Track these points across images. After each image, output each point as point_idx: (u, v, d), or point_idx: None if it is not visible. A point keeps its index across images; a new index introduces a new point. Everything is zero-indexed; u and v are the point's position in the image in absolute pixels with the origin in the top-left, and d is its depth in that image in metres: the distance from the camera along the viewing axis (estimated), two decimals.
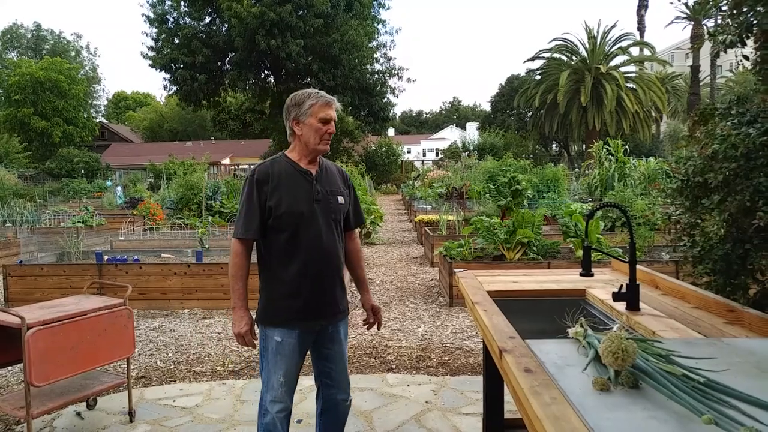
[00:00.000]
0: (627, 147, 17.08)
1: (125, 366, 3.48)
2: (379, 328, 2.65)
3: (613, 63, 31.58)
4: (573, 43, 32.45)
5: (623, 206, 2.24)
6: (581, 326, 1.69)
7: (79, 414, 3.41)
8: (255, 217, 2.25)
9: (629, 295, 2.08)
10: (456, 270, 2.94)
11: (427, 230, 9.17)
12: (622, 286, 2.10)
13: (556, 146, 42.11)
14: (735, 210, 2.42)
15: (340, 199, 2.37)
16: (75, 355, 2.96)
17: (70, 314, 2.97)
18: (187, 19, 27.73)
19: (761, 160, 2.43)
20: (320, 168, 2.36)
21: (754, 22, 2.30)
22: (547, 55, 33.11)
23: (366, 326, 2.61)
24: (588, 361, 1.45)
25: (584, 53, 31.97)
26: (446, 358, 4.37)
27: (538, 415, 1.22)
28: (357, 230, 2.58)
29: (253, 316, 2.34)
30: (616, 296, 2.09)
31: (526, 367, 1.48)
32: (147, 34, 28.05)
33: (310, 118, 2.26)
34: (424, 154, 52.02)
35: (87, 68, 51.42)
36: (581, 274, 2.22)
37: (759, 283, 2.96)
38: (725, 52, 2.70)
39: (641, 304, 2.11)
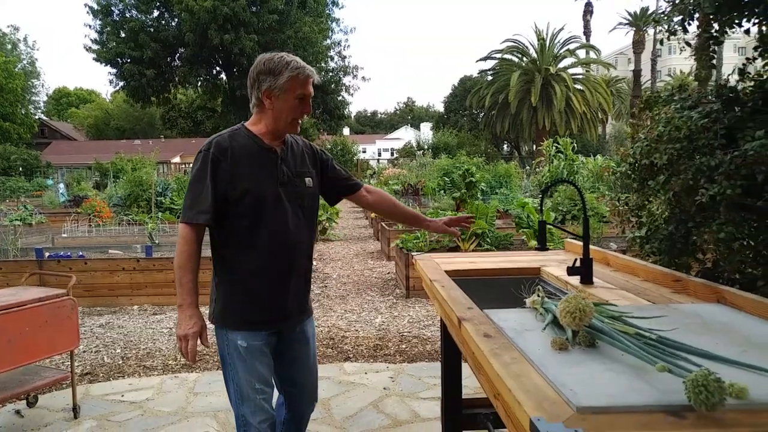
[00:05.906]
0: (575, 146, 17.62)
1: (69, 362, 3.31)
2: (468, 225, 2.42)
3: (561, 65, 32.56)
4: (523, 44, 33.30)
5: (575, 182, 2.30)
6: (538, 295, 1.71)
7: (18, 412, 3.22)
8: (208, 198, 1.86)
9: (583, 269, 2.13)
10: (414, 253, 2.95)
11: (384, 225, 9.16)
12: (576, 260, 2.14)
13: (507, 146, 43.08)
14: (679, 189, 2.53)
15: (308, 181, 2.05)
16: (12, 348, 2.79)
17: (5, 305, 2.80)
18: (134, 12, 26.84)
19: (702, 141, 2.54)
20: (285, 145, 2.03)
21: (695, 8, 2.40)
22: (499, 55, 33.84)
23: (458, 228, 2.40)
24: (546, 322, 1.47)
25: (534, 54, 32.82)
26: (403, 346, 4.37)
27: (500, 374, 1.22)
28: (366, 185, 2.33)
29: (205, 317, 1.94)
30: (571, 270, 2.13)
31: (485, 333, 1.48)
32: (90, 27, 27.04)
33: (287, 94, 1.89)
34: (380, 154, 52.13)
35: (25, 62, 48.72)
36: (536, 249, 2.26)
37: (700, 263, 3.10)
38: (668, 39, 2.82)
39: (594, 279, 2.17)
